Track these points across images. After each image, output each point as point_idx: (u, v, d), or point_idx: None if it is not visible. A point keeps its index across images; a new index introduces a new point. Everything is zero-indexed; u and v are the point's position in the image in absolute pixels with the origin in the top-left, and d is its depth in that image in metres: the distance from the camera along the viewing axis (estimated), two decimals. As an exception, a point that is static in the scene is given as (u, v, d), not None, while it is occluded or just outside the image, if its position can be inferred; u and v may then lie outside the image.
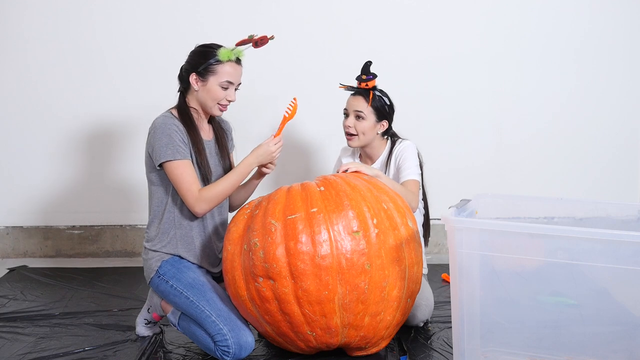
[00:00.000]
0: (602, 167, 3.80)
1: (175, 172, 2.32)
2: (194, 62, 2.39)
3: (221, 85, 2.37)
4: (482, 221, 2.07)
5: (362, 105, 2.67)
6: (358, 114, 2.67)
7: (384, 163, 2.75)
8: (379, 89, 2.71)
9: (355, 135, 2.69)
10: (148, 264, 2.42)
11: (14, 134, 3.64)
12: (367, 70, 2.70)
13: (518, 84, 3.72)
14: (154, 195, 2.43)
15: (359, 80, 2.71)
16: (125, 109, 3.63)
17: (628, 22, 3.72)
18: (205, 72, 2.36)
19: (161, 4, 3.58)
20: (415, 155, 2.68)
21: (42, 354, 2.36)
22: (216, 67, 2.36)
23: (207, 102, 2.40)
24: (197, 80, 2.38)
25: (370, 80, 2.68)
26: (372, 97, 2.66)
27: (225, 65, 2.37)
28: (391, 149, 2.74)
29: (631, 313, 1.99)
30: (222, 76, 2.37)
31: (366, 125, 2.67)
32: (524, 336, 2.12)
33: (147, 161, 2.42)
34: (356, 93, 2.71)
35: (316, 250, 2.05)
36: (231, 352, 2.22)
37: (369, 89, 2.68)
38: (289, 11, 3.61)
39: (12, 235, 3.71)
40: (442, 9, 3.65)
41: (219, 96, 2.38)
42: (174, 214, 2.41)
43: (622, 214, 2.29)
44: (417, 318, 2.54)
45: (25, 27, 3.57)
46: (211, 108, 2.42)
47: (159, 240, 2.42)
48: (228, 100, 2.41)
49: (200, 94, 2.40)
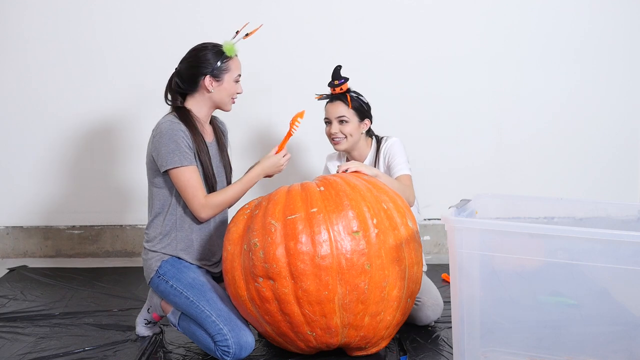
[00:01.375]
0: (602, 167, 3.80)
1: (181, 178, 2.32)
2: (204, 65, 2.39)
3: (235, 80, 2.44)
4: (482, 221, 2.07)
5: (343, 109, 2.70)
6: (341, 118, 2.70)
7: (372, 162, 2.76)
8: (352, 90, 2.74)
9: (343, 138, 2.71)
10: (148, 264, 2.42)
11: (14, 134, 3.64)
12: (338, 74, 2.73)
13: (518, 84, 3.72)
14: (155, 197, 2.43)
15: (331, 86, 2.73)
16: (126, 109, 3.63)
17: (628, 22, 3.72)
18: (220, 71, 2.40)
19: (161, 4, 3.58)
20: (403, 150, 2.71)
21: (42, 354, 2.36)
22: (228, 64, 2.41)
23: (223, 99, 2.45)
24: (211, 81, 2.40)
25: (343, 84, 2.71)
26: (350, 99, 2.70)
27: (234, 60, 2.44)
28: (378, 148, 2.75)
29: (631, 313, 1.98)
30: (235, 71, 2.44)
31: (352, 127, 2.71)
32: (524, 336, 2.12)
33: (150, 164, 2.41)
34: (333, 99, 2.73)
35: (316, 251, 2.05)
36: (231, 352, 2.22)
37: (344, 93, 2.70)
38: (289, 11, 3.61)
39: (12, 235, 3.71)
40: (442, 9, 3.65)
41: (234, 91, 2.45)
42: (176, 216, 2.41)
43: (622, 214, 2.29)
44: (429, 317, 2.56)
45: (25, 27, 3.57)
46: (227, 104, 2.47)
47: (158, 241, 2.42)
48: (237, 92, 2.48)
49: (216, 94, 2.43)
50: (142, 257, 2.47)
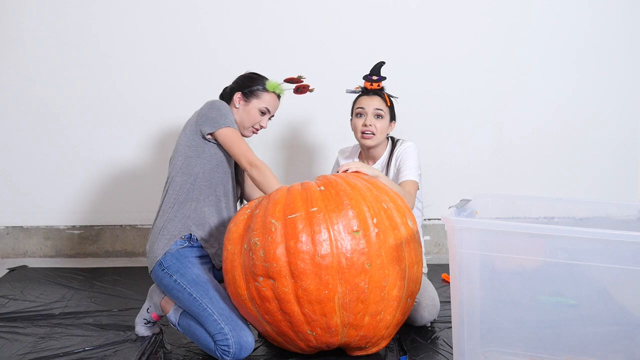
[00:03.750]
0: (602, 167, 3.81)
1: (233, 136, 2.44)
2: (242, 84, 2.59)
3: (260, 110, 2.57)
4: (482, 221, 2.07)
5: (381, 104, 2.69)
6: (378, 112, 2.68)
7: (384, 164, 2.75)
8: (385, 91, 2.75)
9: (373, 135, 2.69)
10: (152, 251, 2.43)
11: (14, 134, 3.64)
12: (378, 71, 2.72)
13: (518, 84, 3.73)
14: (173, 184, 2.48)
15: (369, 80, 2.71)
16: (126, 109, 3.63)
17: (628, 22, 3.72)
18: (250, 94, 2.56)
19: (161, 4, 3.58)
20: (415, 156, 2.69)
21: (42, 354, 2.36)
22: (261, 93, 2.57)
23: (244, 122, 2.57)
24: (240, 99, 2.57)
25: (381, 81, 2.71)
26: (388, 97, 2.71)
27: (269, 94, 2.58)
28: (392, 150, 2.74)
29: (631, 313, 1.99)
30: (263, 102, 2.57)
31: (384, 124, 2.70)
32: (524, 336, 2.12)
33: (185, 136, 2.49)
34: (370, 93, 2.72)
35: (316, 250, 2.05)
36: (231, 351, 2.22)
37: (379, 90, 2.69)
38: (294, 12, 3.61)
39: (12, 235, 3.71)
40: (443, 9, 3.66)
41: (256, 119, 2.57)
42: (195, 187, 2.47)
43: (622, 214, 2.29)
44: (424, 318, 2.55)
45: (25, 27, 3.57)
46: (245, 129, 2.59)
47: (173, 214, 2.45)
48: (261, 125, 2.59)
49: (241, 112, 2.57)
50: (147, 247, 2.48)
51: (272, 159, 3.66)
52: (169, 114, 3.61)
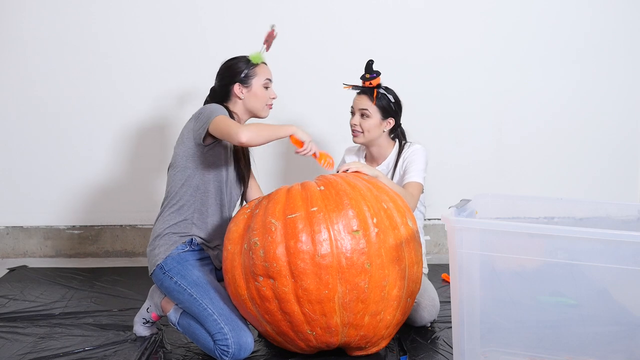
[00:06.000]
0: (602, 167, 3.80)
1: (225, 121, 2.30)
2: (232, 74, 2.52)
3: (264, 85, 2.53)
4: (482, 221, 2.07)
5: (367, 103, 2.68)
6: (363, 112, 2.69)
7: (391, 166, 2.74)
8: (384, 86, 2.72)
9: (361, 133, 2.71)
10: (153, 255, 2.43)
11: (14, 134, 3.64)
12: (370, 68, 2.71)
13: (518, 84, 3.73)
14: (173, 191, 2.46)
15: (363, 79, 2.72)
16: (126, 109, 3.63)
17: (628, 22, 3.72)
18: (247, 77, 2.51)
19: (161, 4, 3.58)
20: (423, 159, 2.68)
21: (42, 354, 2.36)
22: (255, 69, 2.52)
23: (257, 104, 2.53)
24: (240, 88, 2.51)
25: (374, 79, 2.69)
26: (376, 95, 2.68)
27: (260, 66, 2.54)
28: (399, 152, 2.73)
29: (631, 313, 1.99)
30: (262, 76, 2.52)
31: (371, 123, 2.69)
32: (524, 336, 2.12)
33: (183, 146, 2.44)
34: (361, 92, 2.72)
35: (316, 249, 2.05)
36: (230, 351, 2.22)
37: (373, 87, 2.69)
38: (294, 12, 3.61)
39: (12, 235, 3.71)
40: (443, 9, 3.65)
41: (265, 96, 2.53)
42: (198, 204, 2.46)
43: (622, 214, 2.29)
44: (424, 319, 2.55)
45: (25, 27, 3.56)
46: (261, 110, 2.55)
47: (174, 220, 2.43)
48: (271, 98, 2.56)
49: (247, 100, 2.52)
50: (148, 249, 2.48)
51: (272, 159, 3.66)
52: (169, 114, 3.61)
